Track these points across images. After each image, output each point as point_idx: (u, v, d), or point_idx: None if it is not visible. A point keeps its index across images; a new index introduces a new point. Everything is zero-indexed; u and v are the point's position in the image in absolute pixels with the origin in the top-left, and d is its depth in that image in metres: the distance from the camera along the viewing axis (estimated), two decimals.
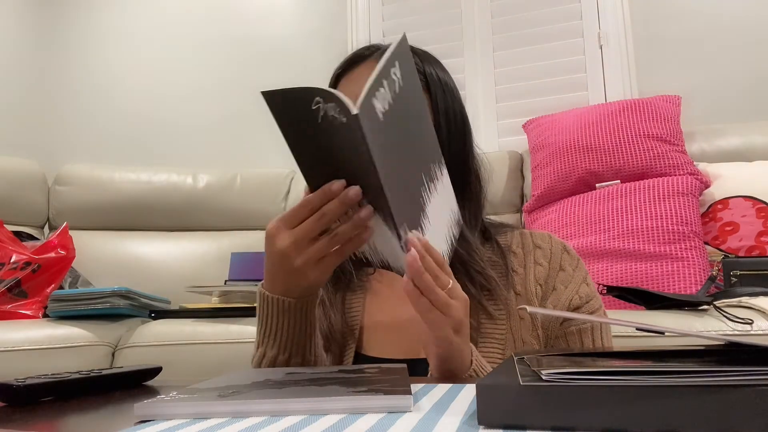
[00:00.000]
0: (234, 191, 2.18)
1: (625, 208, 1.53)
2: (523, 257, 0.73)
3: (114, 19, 2.71)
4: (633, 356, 0.42)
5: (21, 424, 0.39)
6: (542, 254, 0.73)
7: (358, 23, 2.42)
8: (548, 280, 0.71)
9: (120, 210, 2.12)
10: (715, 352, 0.41)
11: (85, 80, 2.67)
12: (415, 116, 0.57)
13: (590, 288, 0.72)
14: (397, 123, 0.52)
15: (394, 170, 0.51)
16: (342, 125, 0.48)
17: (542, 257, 0.73)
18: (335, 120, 0.48)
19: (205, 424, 0.36)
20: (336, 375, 0.50)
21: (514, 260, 0.73)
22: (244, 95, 2.53)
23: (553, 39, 2.17)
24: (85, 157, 2.46)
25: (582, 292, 0.71)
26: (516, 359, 0.42)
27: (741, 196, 1.52)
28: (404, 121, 0.54)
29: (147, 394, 0.53)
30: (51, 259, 1.70)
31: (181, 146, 2.53)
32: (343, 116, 0.47)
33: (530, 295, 0.71)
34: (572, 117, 1.81)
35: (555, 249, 0.73)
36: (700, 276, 1.39)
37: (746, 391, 0.28)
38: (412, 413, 0.36)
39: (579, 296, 0.71)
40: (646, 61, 2.08)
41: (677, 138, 1.68)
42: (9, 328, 1.31)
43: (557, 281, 0.71)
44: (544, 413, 0.30)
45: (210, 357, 1.29)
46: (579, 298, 0.70)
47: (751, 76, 1.96)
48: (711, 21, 2.03)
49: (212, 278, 1.86)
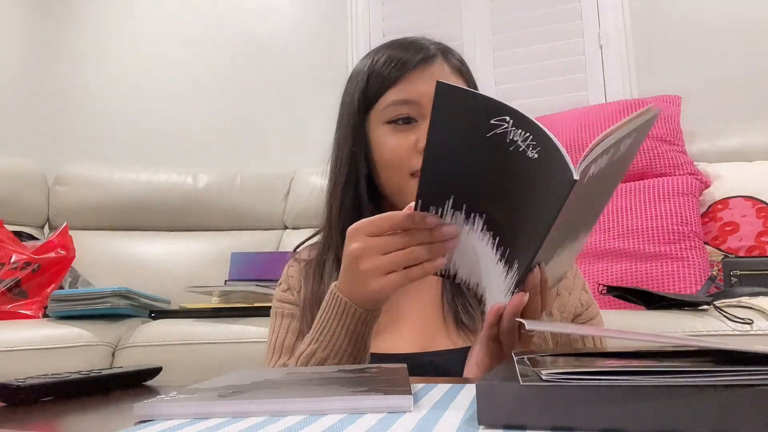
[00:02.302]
0: (234, 191, 2.18)
1: (625, 208, 1.53)
2: None
3: (114, 19, 2.71)
4: (633, 356, 0.42)
5: (21, 424, 0.39)
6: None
7: (358, 23, 2.42)
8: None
9: (120, 210, 2.12)
10: (714, 352, 0.41)
11: (86, 80, 2.67)
12: (613, 180, 0.54)
13: (588, 295, 0.75)
14: (595, 186, 0.49)
15: (559, 224, 0.47)
16: (528, 160, 0.45)
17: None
18: (519, 149, 0.46)
19: (205, 424, 0.36)
20: (336, 375, 0.50)
21: None
22: (245, 95, 2.53)
23: (553, 39, 2.17)
24: (85, 157, 2.46)
25: (583, 299, 0.74)
26: (516, 359, 0.42)
27: (741, 196, 1.52)
28: (601, 184, 0.50)
29: (147, 394, 0.53)
30: (51, 259, 1.70)
31: (181, 146, 2.53)
32: (536, 153, 0.45)
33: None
34: (572, 117, 1.81)
35: None
36: (700, 276, 1.39)
37: (746, 391, 0.28)
38: (412, 413, 0.36)
39: (580, 303, 0.73)
40: (646, 61, 2.08)
41: (677, 138, 1.68)
42: (9, 328, 1.31)
43: (561, 287, 0.73)
44: (544, 413, 0.30)
45: (210, 357, 1.29)
46: (580, 305, 0.73)
47: (751, 76, 1.96)
48: (711, 21, 2.03)
49: (212, 278, 1.86)
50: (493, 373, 0.40)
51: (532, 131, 0.45)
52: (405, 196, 0.71)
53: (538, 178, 0.46)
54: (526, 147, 0.46)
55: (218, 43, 2.59)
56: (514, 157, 0.46)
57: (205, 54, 2.60)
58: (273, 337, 0.77)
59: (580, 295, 0.73)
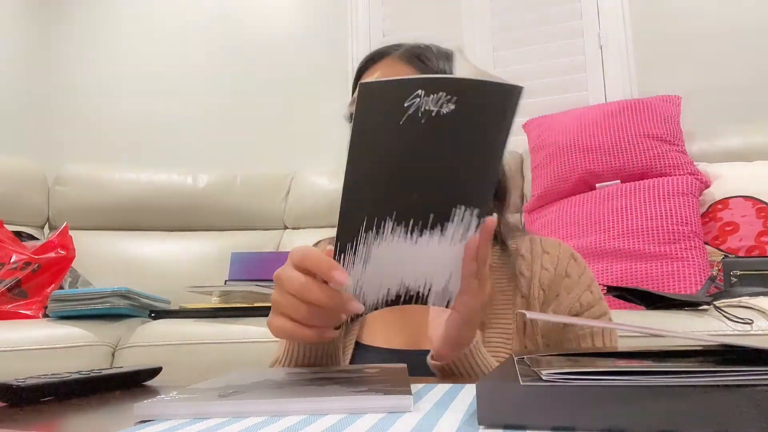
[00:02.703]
0: (234, 191, 2.18)
1: (625, 208, 1.53)
2: (531, 261, 0.73)
3: (114, 19, 2.71)
4: (633, 356, 0.42)
5: (21, 424, 0.39)
6: (549, 260, 0.72)
7: (358, 23, 2.42)
8: (552, 286, 0.71)
9: (120, 210, 2.12)
10: (715, 352, 0.41)
11: (85, 80, 2.67)
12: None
13: (594, 296, 0.71)
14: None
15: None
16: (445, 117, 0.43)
17: (549, 263, 0.72)
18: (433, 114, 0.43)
19: (205, 424, 0.36)
20: (336, 375, 0.50)
21: (522, 264, 0.73)
22: (245, 95, 2.53)
23: (553, 39, 2.17)
24: (85, 157, 2.46)
25: (584, 299, 0.70)
26: (516, 359, 0.42)
27: (741, 196, 1.52)
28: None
29: (147, 394, 0.53)
30: (51, 259, 1.70)
31: (181, 146, 2.53)
32: (452, 104, 0.43)
33: (532, 298, 0.70)
34: (572, 117, 1.81)
35: (562, 255, 0.73)
36: (700, 276, 1.39)
37: (746, 391, 0.28)
38: (412, 413, 0.36)
39: (580, 303, 0.70)
40: (646, 61, 2.08)
41: (677, 138, 1.68)
42: (9, 328, 1.31)
43: (561, 287, 0.71)
44: (544, 413, 0.30)
45: (210, 357, 1.29)
46: (580, 306, 0.70)
47: (751, 76, 1.96)
48: (711, 21, 2.03)
49: (212, 278, 1.86)
50: (493, 373, 0.40)
51: (444, 88, 0.43)
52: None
53: (462, 124, 0.44)
54: (440, 107, 0.43)
55: (218, 43, 2.59)
56: (430, 127, 0.44)
57: (205, 54, 2.60)
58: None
59: (582, 294, 0.70)
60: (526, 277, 0.72)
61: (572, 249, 0.75)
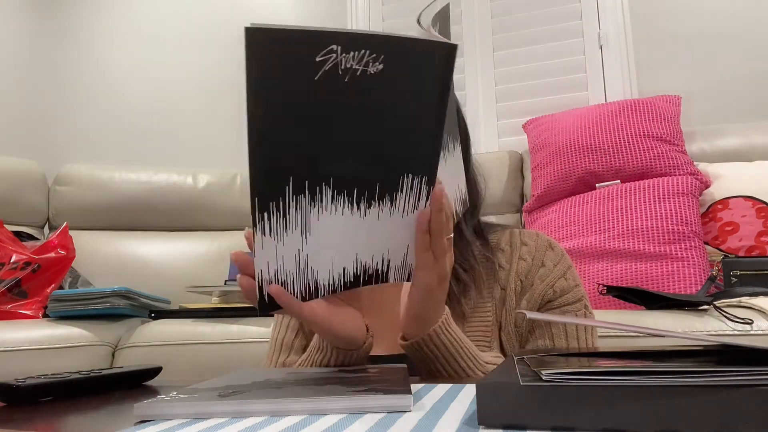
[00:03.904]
0: (234, 191, 2.18)
1: (625, 208, 1.53)
2: (510, 254, 0.74)
3: (114, 19, 2.71)
4: (633, 356, 0.42)
5: (21, 424, 0.39)
6: (527, 250, 0.74)
7: (358, 23, 2.42)
8: (528, 276, 0.72)
9: (120, 210, 2.12)
10: (714, 352, 0.41)
11: (86, 80, 2.67)
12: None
13: (568, 282, 0.72)
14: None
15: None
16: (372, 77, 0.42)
17: (527, 253, 0.74)
18: (357, 73, 0.41)
19: (205, 424, 0.36)
20: (336, 375, 0.50)
21: (501, 257, 0.74)
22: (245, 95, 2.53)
23: (553, 39, 2.17)
24: (85, 157, 2.46)
25: (558, 286, 0.71)
26: (516, 359, 0.42)
27: (741, 196, 1.52)
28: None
29: (147, 394, 0.53)
30: (51, 259, 1.70)
31: (181, 146, 2.53)
32: (380, 64, 0.41)
33: (510, 290, 0.72)
34: (572, 117, 1.81)
35: (540, 245, 0.74)
36: (700, 276, 1.39)
37: (746, 391, 0.28)
38: (412, 413, 0.36)
39: (553, 290, 0.71)
40: (646, 61, 2.08)
41: (677, 138, 1.68)
42: (9, 328, 1.31)
43: (536, 277, 0.72)
44: (544, 413, 0.30)
45: (210, 357, 1.29)
46: (553, 292, 0.70)
47: (751, 76, 1.96)
48: (711, 21, 2.03)
49: (212, 278, 1.86)
50: (493, 373, 0.40)
51: (368, 46, 0.41)
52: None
53: (392, 85, 0.43)
54: (366, 66, 0.41)
55: (218, 43, 2.59)
56: (355, 86, 0.42)
57: (205, 54, 2.60)
58: (274, 334, 0.79)
59: (557, 282, 0.71)
60: (505, 269, 0.73)
61: (551, 238, 0.76)
